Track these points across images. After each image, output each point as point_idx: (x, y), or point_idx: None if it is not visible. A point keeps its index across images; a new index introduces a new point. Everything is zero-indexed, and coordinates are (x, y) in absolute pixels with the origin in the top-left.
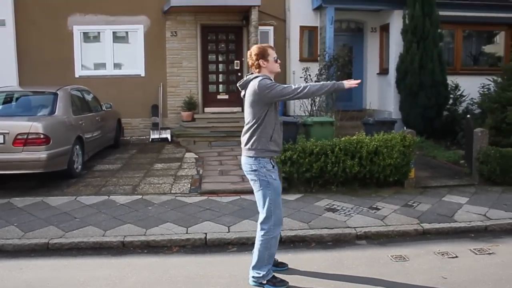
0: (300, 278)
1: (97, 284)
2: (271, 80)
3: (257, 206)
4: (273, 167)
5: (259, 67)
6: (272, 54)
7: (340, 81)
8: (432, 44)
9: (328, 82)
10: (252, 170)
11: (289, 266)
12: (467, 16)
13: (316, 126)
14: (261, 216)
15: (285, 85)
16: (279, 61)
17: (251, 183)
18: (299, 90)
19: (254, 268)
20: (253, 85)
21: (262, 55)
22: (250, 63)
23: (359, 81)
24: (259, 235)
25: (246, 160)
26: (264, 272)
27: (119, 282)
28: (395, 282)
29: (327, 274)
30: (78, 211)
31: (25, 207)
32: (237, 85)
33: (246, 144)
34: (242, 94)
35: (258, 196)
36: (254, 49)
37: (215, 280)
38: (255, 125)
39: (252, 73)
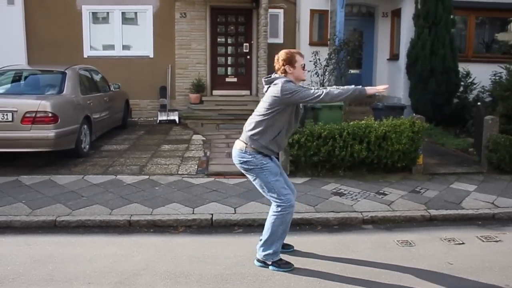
0: (306, 260)
1: (103, 261)
2: (294, 84)
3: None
4: (270, 159)
5: (285, 72)
6: (300, 61)
7: (363, 87)
8: (444, 30)
9: (350, 87)
10: (243, 162)
11: (295, 249)
12: (480, 2)
13: (324, 110)
14: (270, 198)
15: (306, 89)
16: (306, 68)
17: (245, 173)
18: (317, 95)
19: (266, 243)
20: (276, 86)
21: (289, 61)
22: (276, 67)
23: (386, 86)
24: (274, 211)
25: (237, 153)
26: (275, 248)
27: (125, 260)
28: (401, 266)
29: (333, 257)
30: (85, 189)
31: (33, 185)
32: (263, 79)
33: (248, 131)
34: (264, 90)
35: (257, 184)
36: (282, 54)
37: (220, 260)
38: (264, 118)
39: (276, 73)
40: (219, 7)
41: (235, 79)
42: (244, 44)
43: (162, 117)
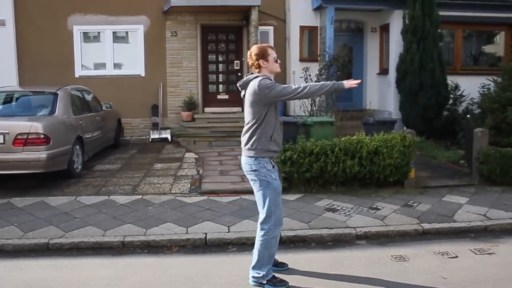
0: (300, 278)
1: (97, 284)
2: (271, 80)
3: (257, 206)
4: (273, 167)
5: (259, 67)
6: (272, 54)
7: (340, 81)
8: (432, 44)
9: (328, 82)
10: (252, 170)
11: (289, 266)
12: (467, 16)
13: (316, 126)
14: (261, 216)
15: (285, 85)
16: (279, 61)
17: (251, 183)
18: (299, 90)
19: (254, 268)
20: (253, 85)
21: (262, 55)
22: (250, 63)
23: (359, 81)
24: (259, 235)
25: (246, 160)
26: (264, 272)
27: (119, 282)
28: (395, 282)
29: (327, 274)
30: (78, 211)
31: (25, 207)
32: (237, 85)
33: (246, 144)
34: (242, 94)
35: (258, 196)
36: (254, 49)
37: (215, 280)
38: (255, 125)
39: (252, 73)
40: (210, 25)
41: (226, 96)
42: (235, 61)
43: (154, 135)
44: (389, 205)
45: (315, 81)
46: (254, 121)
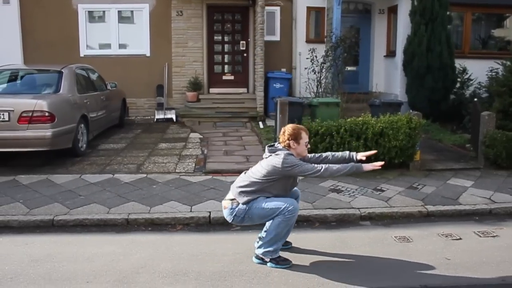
0: (304, 257)
1: (101, 260)
2: (295, 158)
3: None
4: None
5: (289, 146)
6: (305, 139)
7: (360, 164)
8: (440, 27)
9: (347, 165)
10: (234, 216)
11: (293, 245)
12: None
13: (321, 107)
14: (277, 217)
15: (305, 164)
16: (308, 146)
17: (241, 225)
18: (316, 170)
19: (268, 242)
20: (277, 157)
21: (295, 137)
22: (281, 139)
23: (382, 163)
24: (280, 215)
25: (227, 212)
26: (276, 246)
27: (123, 258)
28: (399, 262)
29: (331, 253)
30: (83, 189)
31: (30, 185)
32: (267, 147)
33: (239, 187)
34: (265, 155)
35: (258, 221)
36: (288, 129)
37: (218, 257)
38: (259, 182)
39: (280, 143)
40: (216, 5)
41: (232, 77)
42: (241, 42)
43: (159, 115)
44: (394, 187)
45: (321, 63)
46: (260, 180)
